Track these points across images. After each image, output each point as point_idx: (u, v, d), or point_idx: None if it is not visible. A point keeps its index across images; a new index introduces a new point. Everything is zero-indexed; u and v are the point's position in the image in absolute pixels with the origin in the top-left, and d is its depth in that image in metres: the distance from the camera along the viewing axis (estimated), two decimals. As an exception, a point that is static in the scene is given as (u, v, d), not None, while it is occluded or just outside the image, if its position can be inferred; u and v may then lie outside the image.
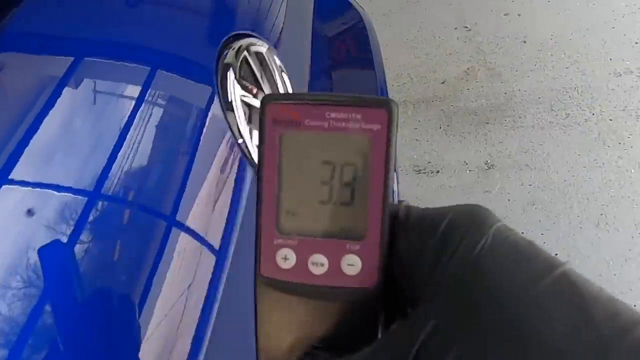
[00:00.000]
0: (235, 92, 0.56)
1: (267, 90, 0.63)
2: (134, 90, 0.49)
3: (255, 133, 0.56)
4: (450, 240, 0.23)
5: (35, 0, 0.48)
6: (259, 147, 0.25)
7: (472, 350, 0.20)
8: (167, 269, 0.44)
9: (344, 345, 0.25)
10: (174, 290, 0.44)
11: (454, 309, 0.21)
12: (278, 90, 0.65)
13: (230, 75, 0.58)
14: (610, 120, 1.99)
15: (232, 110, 0.56)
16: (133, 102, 0.48)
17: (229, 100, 0.55)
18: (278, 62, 0.69)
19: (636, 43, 2.30)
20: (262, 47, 0.66)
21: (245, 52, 0.61)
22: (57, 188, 0.40)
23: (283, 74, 0.69)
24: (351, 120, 0.24)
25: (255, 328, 0.27)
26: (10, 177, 0.38)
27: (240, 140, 0.56)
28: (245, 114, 0.57)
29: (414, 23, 2.56)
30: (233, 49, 0.60)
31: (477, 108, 2.12)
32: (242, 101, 0.58)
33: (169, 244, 0.45)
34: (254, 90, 0.61)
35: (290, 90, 0.69)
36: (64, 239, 0.38)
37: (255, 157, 0.53)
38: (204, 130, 0.52)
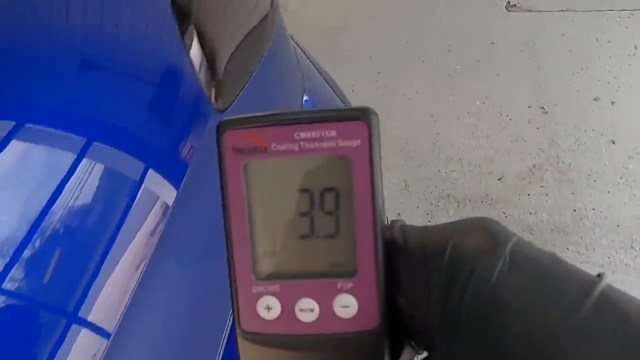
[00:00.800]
0: None
1: None
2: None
3: None
4: (460, 267, 0.20)
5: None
6: (221, 182, 0.22)
7: None
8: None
9: None
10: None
11: (480, 352, 0.18)
12: None
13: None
14: None
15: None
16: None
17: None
18: None
19: None
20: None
21: None
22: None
23: None
24: (325, 138, 0.22)
25: None
26: None
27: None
28: None
29: (481, 91, 2.16)
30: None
31: (534, 223, 1.72)
32: None
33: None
34: None
35: None
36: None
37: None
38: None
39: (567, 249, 1.64)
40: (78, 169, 0.45)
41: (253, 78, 0.77)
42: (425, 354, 0.22)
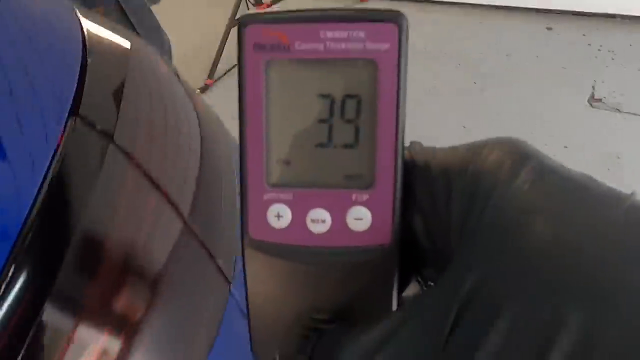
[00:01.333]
0: None
1: None
2: None
3: None
4: (482, 181, 0.19)
5: None
6: (239, 80, 0.21)
7: (529, 307, 0.16)
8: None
9: (352, 318, 0.21)
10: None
11: (499, 257, 0.17)
12: None
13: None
14: None
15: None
16: None
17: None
18: None
19: None
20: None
21: None
22: None
23: None
24: (352, 39, 0.20)
25: (246, 303, 0.23)
26: None
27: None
28: None
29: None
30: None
31: None
32: None
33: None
34: None
35: None
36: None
37: None
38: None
39: None
40: None
41: None
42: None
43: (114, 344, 0.42)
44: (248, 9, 2.42)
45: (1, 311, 0.34)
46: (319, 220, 0.21)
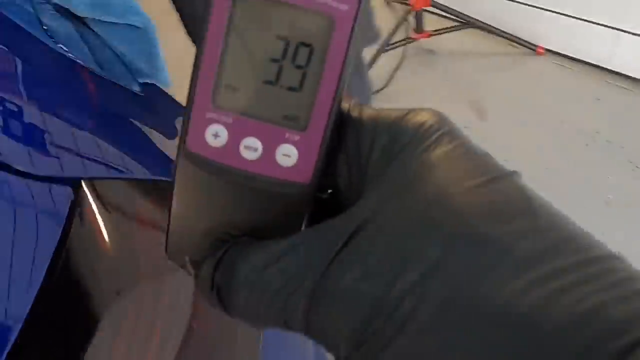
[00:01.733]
0: None
1: None
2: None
3: None
4: (403, 134, 0.22)
5: None
6: (206, 5, 0.23)
7: (404, 238, 0.20)
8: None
9: (262, 239, 0.24)
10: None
11: (391, 199, 0.21)
12: None
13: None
14: None
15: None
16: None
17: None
18: None
19: None
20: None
21: None
22: None
23: None
24: None
25: (169, 208, 0.25)
26: None
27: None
28: None
29: None
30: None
31: None
32: None
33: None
34: None
35: None
36: None
37: None
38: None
39: None
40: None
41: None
42: None
43: None
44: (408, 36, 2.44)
45: None
46: (252, 148, 0.23)
